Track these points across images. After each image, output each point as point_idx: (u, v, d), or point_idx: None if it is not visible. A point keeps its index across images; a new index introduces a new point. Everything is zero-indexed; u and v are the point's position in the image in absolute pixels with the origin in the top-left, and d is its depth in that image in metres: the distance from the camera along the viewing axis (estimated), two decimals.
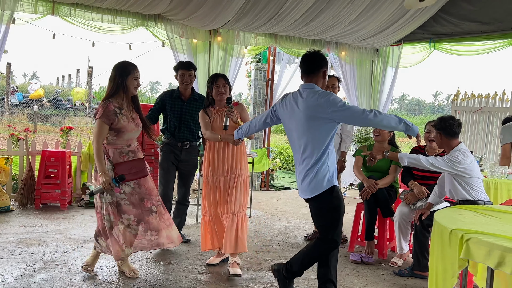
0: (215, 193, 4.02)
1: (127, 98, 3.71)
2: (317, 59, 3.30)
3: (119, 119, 3.59)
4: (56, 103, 18.19)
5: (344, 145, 5.14)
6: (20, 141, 6.35)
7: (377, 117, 3.04)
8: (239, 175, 3.99)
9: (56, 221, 5.39)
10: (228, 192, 3.98)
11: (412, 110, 50.67)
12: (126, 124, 3.63)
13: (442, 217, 2.69)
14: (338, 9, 6.37)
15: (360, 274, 4.17)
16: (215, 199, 4.03)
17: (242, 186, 4.01)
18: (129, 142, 3.72)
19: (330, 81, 5.02)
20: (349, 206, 7.19)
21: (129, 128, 3.65)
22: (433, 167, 3.71)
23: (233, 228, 3.90)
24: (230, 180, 3.98)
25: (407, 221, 4.41)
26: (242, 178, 4.02)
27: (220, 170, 3.99)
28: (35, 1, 5.40)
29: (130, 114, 3.69)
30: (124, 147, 3.68)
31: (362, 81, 8.11)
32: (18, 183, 6.18)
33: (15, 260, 4.01)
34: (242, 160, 4.04)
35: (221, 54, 6.78)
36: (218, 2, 5.71)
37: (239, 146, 3.99)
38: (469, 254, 2.27)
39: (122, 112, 3.63)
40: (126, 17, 5.98)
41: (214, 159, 4.01)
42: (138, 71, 3.71)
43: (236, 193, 3.96)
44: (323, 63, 3.31)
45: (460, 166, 3.67)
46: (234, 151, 4.00)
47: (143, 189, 3.72)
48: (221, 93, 4.01)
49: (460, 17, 6.91)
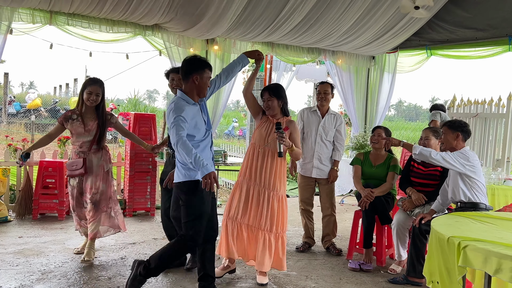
0: (248, 200, 3.93)
1: (87, 107, 4.36)
2: (187, 64, 3.34)
3: (69, 123, 4.35)
4: (53, 112, 18.18)
5: (337, 154, 5.06)
6: (17, 151, 6.34)
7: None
8: (273, 192, 3.90)
9: (54, 231, 5.38)
10: (260, 205, 3.90)
11: (409, 116, 50.81)
12: (76, 127, 4.34)
13: (439, 224, 2.70)
14: (332, 19, 6.41)
15: (358, 282, 4.17)
16: (246, 206, 3.92)
17: (277, 204, 3.90)
18: (80, 144, 4.37)
19: (323, 87, 5.04)
20: (347, 214, 7.20)
21: (77, 131, 4.35)
22: (444, 161, 3.83)
23: (269, 247, 3.87)
24: (265, 193, 3.90)
25: (405, 228, 4.42)
26: (277, 197, 3.92)
27: (256, 178, 3.92)
28: (32, 11, 5.41)
29: (85, 121, 4.34)
30: (77, 147, 4.39)
31: (359, 88, 8.14)
32: (16, 194, 6.16)
33: (13, 271, 3.99)
34: (277, 178, 3.93)
35: (218, 63, 6.79)
36: (214, 12, 5.74)
37: (280, 162, 3.93)
38: (467, 262, 2.27)
39: (78, 118, 4.35)
40: (124, 26, 5.99)
41: (253, 165, 3.95)
42: (94, 86, 4.31)
43: (268, 209, 3.87)
44: (193, 68, 3.30)
45: (469, 163, 3.83)
46: (274, 166, 3.92)
47: (82, 185, 4.42)
48: (267, 107, 4.00)
49: (455, 24, 6.96)
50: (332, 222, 5.10)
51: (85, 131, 4.35)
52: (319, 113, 5.05)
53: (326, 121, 5.02)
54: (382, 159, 4.78)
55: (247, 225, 3.92)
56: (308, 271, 4.41)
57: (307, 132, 5.07)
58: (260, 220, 3.87)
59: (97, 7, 5.37)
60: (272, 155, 3.91)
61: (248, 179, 3.96)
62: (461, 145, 4.03)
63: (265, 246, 3.87)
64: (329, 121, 5.02)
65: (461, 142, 4.04)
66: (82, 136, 4.37)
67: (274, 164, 3.92)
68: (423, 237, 4.01)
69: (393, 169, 4.69)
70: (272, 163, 3.91)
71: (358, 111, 8.18)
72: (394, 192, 4.77)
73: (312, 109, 5.12)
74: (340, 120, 5.08)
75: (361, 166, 4.85)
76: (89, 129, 4.36)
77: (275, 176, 3.91)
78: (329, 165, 5.03)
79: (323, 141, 5.01)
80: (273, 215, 3.88)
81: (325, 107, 5.06)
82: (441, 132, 4.18)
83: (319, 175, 5.01)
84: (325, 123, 5.01)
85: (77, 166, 4.36)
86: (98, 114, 4.40)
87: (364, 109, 8.28)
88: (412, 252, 4.09)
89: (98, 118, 4.39)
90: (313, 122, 5.04)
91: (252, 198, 3.92)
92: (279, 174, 3.94)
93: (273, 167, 3.91)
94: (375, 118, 8.26)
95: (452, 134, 4.03)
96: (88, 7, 5.35)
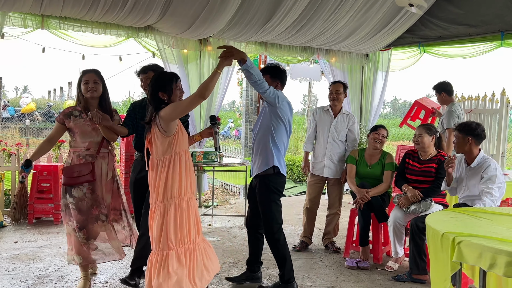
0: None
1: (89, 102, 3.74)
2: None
3: (71, 120, 3.69)
4: (48, 116, 18.13)
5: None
6: (12, 156, 6.31)
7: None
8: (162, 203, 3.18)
9: (49, 235, 5.36)
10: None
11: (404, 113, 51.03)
12: (80, 126, 3.68)
13: (434, 220, 2.71)
14: (325, 17, 6.41)
15: (355, 280, 4.17)
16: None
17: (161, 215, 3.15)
18: (86, 145, 3.70)
19: (335, 87, 5.04)
20: (343, 212, 7.19)
21: (83, 130, 3.68)
22: (496, 201, 3.84)
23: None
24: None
25: (402, 224, 4.42)
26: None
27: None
28: (24, 15, 5.38)
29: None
30: (82, 150, 3.69)
31: (353, 86, 8.14)
32: (11, 198, 6.13)
33: (8, 277, 3.97)
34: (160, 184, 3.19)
35: (212, 63, 6.79)
36: (208, 13, 5.73)
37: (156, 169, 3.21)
38: (461, 257, 2.28)
39: (81, 115, 3.70)
40: (116, 29, 5.98)
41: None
42: (89, 74, 3.73)
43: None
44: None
45: (501, 184, 3.90)
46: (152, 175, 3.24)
47: (94, 195, 3.68)
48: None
49: (448, 20, 6.98)
50: (336, 220, 5.12)
51: (92, 130, 3.70)
52: (331, 112, 5.06)
53: (338, 121, 5.02)
54: (377, 157, 4.79)
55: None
56: (305, 270, 4.41)
57: (319, 131, 5.09)
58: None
59: (90, 11, 5.34)
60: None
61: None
62: (475, 151, 4.00)
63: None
64: (341, 121, 5.03)
65: (474, 147, 4.00)
66: (88, 136, 3.70)
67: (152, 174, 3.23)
68: (421, 233, 4.02)
69: (389, 168, 4.69)
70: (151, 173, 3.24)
71: (353, 109, 8.19)
72: (389, 189, 4.78)
73: (324, 108, 5.13)
74: (352, 120, 5.08)
75: (355, 165, 4.84)
76: (97, 127, 3.66)
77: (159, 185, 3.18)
78: (340, 164, 5.03)
79: (335, 141, 5.02)
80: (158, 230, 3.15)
81: (338, 107, 5.07)
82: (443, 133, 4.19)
83: (330, 174, 5.03)
84: (338, 123, 5.02)
85: (81, 172, 3.63)
86: (103, 108, 3.73)
87: (359, 107, 8.28)
88: (413, 250, 4.09)
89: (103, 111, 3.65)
90: (325, 122, 5.05)
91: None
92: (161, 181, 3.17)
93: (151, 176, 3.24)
94: (369, 116, 8.27)
95: (463, 139, 4.00)
96: (81, 11, 5.33)
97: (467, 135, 3.99)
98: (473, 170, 4.02)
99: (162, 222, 3.10)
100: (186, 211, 3.16)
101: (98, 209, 3.69)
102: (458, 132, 4.06)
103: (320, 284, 4.04)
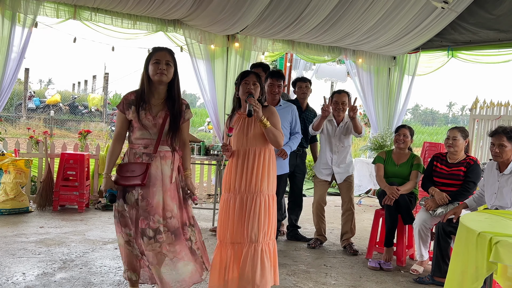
0: (228, 214, 3.33)
1: (154, 88, 3.02)
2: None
3: (130, 112, 2.99)
4: (72, 108, 18.40)
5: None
6: (39, 143, 6.42)
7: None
8: (260, 194, 3.28)
9: (74, 222, 5.43)
10: (243, 216, 3.27)
11: (425, 121, 50.31)
12: (141, 118, 2.97)
13: (469, 220, 2.66)
14: (355, 17, 6.37)
15: (379, 281, 4.13)
16: (227, 223, 3.32)
17: (264, 208, 3.27)
18: (144, 143, 3.01)
19: (340, 97, 4.95)
20: (365, 214, 7.14)
21: (143, 124, 2.97)
22: None
23: (256, 261, 3.21)
24: (247, 199, 3.28)
25: (427, 227, 4.36)
26: (264, 199, 3.29)
27: (237, 184, 3.32)
28: (57, 5, 5.48)
29: (153, 108, 3.01)
30: (140, 147, 3.02)
31: (379, 88, 8.07)
32: (37, 185, 6.24)
33: (35, 260, 4.04)
34: (264, 176, 3.32)
35: (238, 60, 6.81)
36: (238, 8, 5.75)
37: (264, 158, 3.34)
38: (498, 257, 2.23)
39: (143, 105, 2.99)
40: (146, 22, 6.05)
41: (237, 174, 3.35)
42: (161, 52, 2.99)
43: (253, 217, 3.24)
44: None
45: None
46: (257, 164, 3.31)
47: (144, 203, 2.94)
48: (249, 91, 3.30)
49: (478, 25, 6.88)
50: (351, 217, 5.05)
51: (152, 124, 2.99)
52: (334, 122, 5.05)
53: (341, 130, 5.02)
54: (405, 158, 4.74)
55: (231, 243, 3.30)
56: (327, 268, 4.38)
57: (322, 140, 5.13)
58: (244, 233, 3.25)
59: (122, 2, 5.42)
60: (254, 153, 3.32)
61: (232, 190, 3.36)
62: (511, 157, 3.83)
63: (252, 261, 3.21)
64: (344, 128, 5.03)
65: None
66: (146, 131, 2.99)
67: (257, 162, 3.30)
68: (447, 237, 3.96)
69: (417, 168, 4.65)
70: (254, 161, 3.30)
71: (377, 112, 8.12)
72: (416, 191, 4.73)
73: (328, 118, 5.04)
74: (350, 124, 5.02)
75: (383, 165, 4.81)
76: (159, 121, 2.99)
77: (262, 175, 3.30)
78: (347, 164, 5.05)
79: (339, 149, 5.04)
80: (260, 223, 3.25)
81: (341, 116, 5.05)
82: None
83: (342, 179, 5.05)
84: (340, 131, 5.02)
85: (134, 172, 2.93)
86: (171, 97, 3.03)
87: (387, 110, 8.19)
88: (437, 252, 4.04)
89: (170, 103, 3.02)
90: (328, 131, 5.05)
91: (234, 210, 3.30)
92: (264, 172, 3.32)
93: (254, 165, 3.30)
94: (393, 119, 8.19)
95: (511, 146, 3.81)
96: (113, 1, 5.40)
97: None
98: (506, 177, 3.87)
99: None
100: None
101: (145, 221, 2.95)
102: (506, 139, 3.78)
103: (343, 283, 4.01)
